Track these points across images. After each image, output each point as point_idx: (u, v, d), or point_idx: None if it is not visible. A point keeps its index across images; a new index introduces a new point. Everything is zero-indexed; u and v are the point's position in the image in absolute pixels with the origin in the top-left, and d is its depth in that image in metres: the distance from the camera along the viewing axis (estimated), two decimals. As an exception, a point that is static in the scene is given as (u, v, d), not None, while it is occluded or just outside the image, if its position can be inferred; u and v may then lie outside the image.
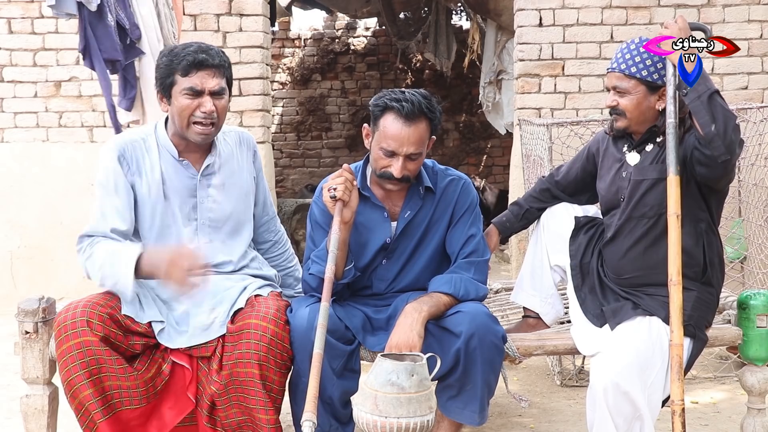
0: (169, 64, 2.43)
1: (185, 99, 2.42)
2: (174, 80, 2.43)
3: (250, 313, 2.38)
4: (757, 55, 5.19)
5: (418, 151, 2.42)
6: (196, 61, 2.41)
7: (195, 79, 2.41)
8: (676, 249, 2.31)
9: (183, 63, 2.40)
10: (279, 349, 2.34)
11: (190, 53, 2.42)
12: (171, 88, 2.44)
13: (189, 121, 2.45)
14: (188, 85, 2.41)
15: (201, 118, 2.44)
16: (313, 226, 2.61)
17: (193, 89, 2.41)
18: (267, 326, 2.33)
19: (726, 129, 2.27)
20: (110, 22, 3.59)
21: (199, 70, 2.41)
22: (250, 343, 2.31)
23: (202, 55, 2.41)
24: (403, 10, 8.42)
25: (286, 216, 6.48)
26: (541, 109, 5.28)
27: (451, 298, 2.46)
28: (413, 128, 2.40)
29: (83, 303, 2.34)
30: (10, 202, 5.44)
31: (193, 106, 2.42)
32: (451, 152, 10.18)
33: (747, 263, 4.18)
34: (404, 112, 2.38)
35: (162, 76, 2.45)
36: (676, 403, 2.23)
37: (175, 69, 2.42)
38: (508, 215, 2.90)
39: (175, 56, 2.43)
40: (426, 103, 2.41)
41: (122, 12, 3.67)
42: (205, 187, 2.56)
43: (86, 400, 2.28)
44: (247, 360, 2.30)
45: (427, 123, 2.43)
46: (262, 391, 2.30)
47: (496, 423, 3.24)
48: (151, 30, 3.80)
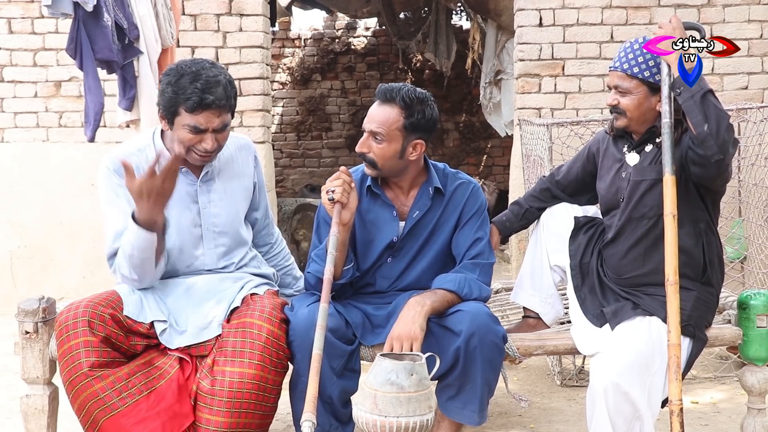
0: (174, 98, 2.36)
1: (187, 133, 2.39)
2: (178, 111, 2.38)
3: (246, 311, 2.39)
4: (757, 55, 5.19)
5: (378, 130, 2.44)
6: (204, 102, 2.34)
7: (200, 118, 2.36)
8: (672, 249, 2.31)
9: (189, 102, 2.34)
10: (275, 348, 2.33)
11: (197, 92, 2.33)
12: (174, 118, 2.39)
13: (189, 149, 2.43)
14: (192, 123, 2.37)
15: (201, 152, 2.42)
16: (320, 223, 2.63)
17: (196, 128, 2.37)
18: (263, 325, 2.33)
19: (719, 128, 2.27)
20: (106, 22, 3.57)
21: (204, 111, 2.36)
22: (246, 342, 2.30)
23: (209, 97, 2.34)
24: (403, 10, 8.42)
25: (286, 216, 6.47)
26: (541, 109, 5.28)
27: (455, 296, 2.47)
28: (381, 108, 2.46)
29: (84, 303, 2.35)
30: (10, 202, 5.44)
31: (194, 141, 2.40)
32: (451, 152, 10.18)
33: (747, 263, 4.18)
34: (379, 92, 2.47)
35: (166, 104, 2.39)
36: (675, 403, 2.24)
37: (180, 103, 2.36)
38: (508, 215, 2.90)
39: (181, 90, 2.34)
40: (406, 93, 2.45)
41: (121, 12, 3.66)
42: (205, 193, 2.56)
43: (87, 400, 2.28)
44: (242, 359, 2.29)
45: (399, 111, 2.44)
46: (258, 393, 2.29)
47: (496, 423, 3.24)
48: (149, 30, 3.79)
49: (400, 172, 2.55)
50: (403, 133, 2.46)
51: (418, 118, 2.46)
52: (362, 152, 2.50)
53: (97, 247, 5.39)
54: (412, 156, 2.51)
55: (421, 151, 2.52)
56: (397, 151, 2.48)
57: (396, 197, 2.61)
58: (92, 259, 5.39)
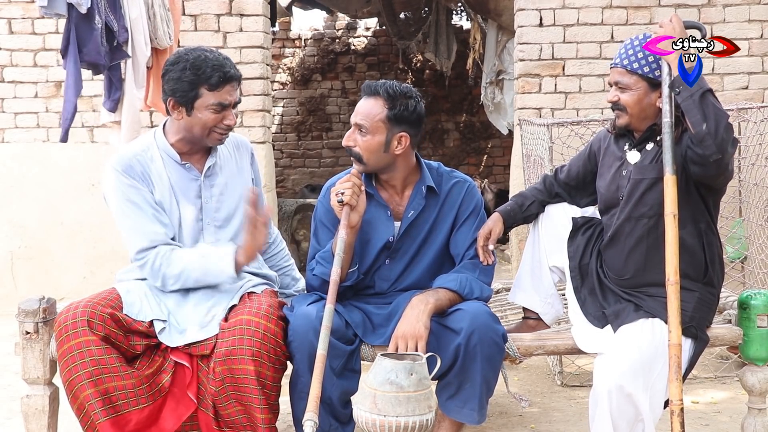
0: (195, 80, 2.42)
1: (211, 113, 2.46)
2: (199, 94, 2.44)
3: (243, 309, 2.40)
4: (757, 55, 5.19)
5: (362, 122, 2.47)
6: (226, 76, 2.44)
7: (224, 94, 2.45)
8: (673, 249, 2.31)
9: (214, 78, 2.42)
10: (272, 344, 2.34)
11: (216, 67, 2.43)
12: (194, 101, 2.45)
13: (210, 131, 2.50)
14: (217, 100, 2.45)
15: (223, 129, 2.51)
16: (318, 225, 2.64)
17: (221, 104, 2.46)
18: (259, 321, 2.34)
19: (717, 128, 2.27)
20: (97, 25, 3.55)
21: (226, 84, 2.45)
22: (243, 339, 2.31)
23: (229, 71, 2.45)
24: (403, 10, 8.42)
25: (287, 216, 6.47)
26: (541, 109, 5.28)
27: (456, 296, 2.48)
28: (365, 101, 2.50)
29: (84, 303, 2.35)
30: (10, 202, 5.45)
31: (218, 120, 2.48)
32: (452, 152, 10.18)
33: (747, 263, 4.17)
34: (364, 87, 2.51)
35: (184, 89, 2.44)
36: (675, 402, 2.24)
37: (201, 83, 2.43)
38: (512, 205, 2.87)
39: (199, 70, 2.42)
40: (390, 86, 2.47)
41: (112, 14, 3.65)
42: (208, 188, 2.59)
43: (87, 400, 2.28)
44: (240, 356, 2.29)
45: (383, 103, 2.46)
46: (257, 388, 2.30)
47: (496, 423, 3.24)
48: (138, 33, 3.78)
49: (388, 167, 2.55)
50: (387, 125, 2.47)
51: (401, 110, 2.47)
52: (348, 146, 2.52)
53: (98, 247, 5.40)
54: (398, 150, 2.50)
55: (406, 145, 2.51)
56: (381, 143, 2.48)
57: (390, 197, 2.61)
58: (92, 259, 5.39)
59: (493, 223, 2.70)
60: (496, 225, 2.71)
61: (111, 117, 3.88)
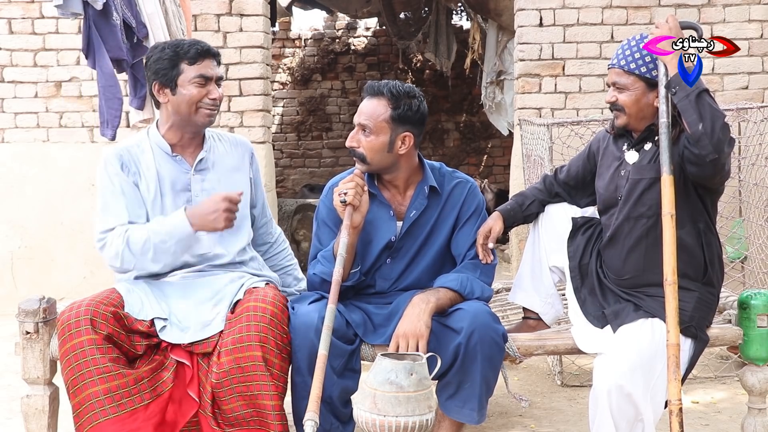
0: (174, 56, 2.51)
1: (195, 87, 2.52)
2: (180, 70, 2.52)
3: (249, 299, 2.42)
4: (757, 55, 5.19)
5: (366, 122, 2.47)
6: (204, 49, 2.54)
7: (204, 67, 2.53)
8: (671, 249, 2.31)
9: (191, 52, 2.52)
10: (279, 330, 2.35)
11: (193, 44, 2.54)
12: (176, 79, 2.52)
13: (197, 107, 2.54)
14: (198, 72, 2.51)
15: (209, 105, 2.55)
16: (320, 225, 2.64)
17: (203, 76, 2.52)
18: (266, 307, 2.35)
19: (713, 128, 2.27)
20: (115, 21, 3.58)
21: (205, 58, 2.54)
22: (251, 326, 2.32)
23: (206, 45, 2.56)
24: (403, 10, 8.42)
25: (287, 216, 6.47)
26: (541, 109, 5.28)
27: (457, 295, 2.48)
28: (369, 101, 2.50)
29: (87, 302, 2.35)
30: (10, 202, 5.45)
31: (202, 94, 2.53)
32: (452, 152, 10.18)
33: (747, 263, 4.18)
34: (367, 87, 2.52)
35: (165, 68, 2.52)
36: (674, 402, 2.24)
37: (182, 59, 2.51)
38: (512, 204, 2.87)
39: (178, 47, 2.53)
40: (393, 86, 2.48)
41: (128, 10, 3.66)
42: (198, 182, 2.60)
43: (87, 399, 2.27)
44: (248, 343, 2.29)
45: (386, 103, 2.47)
46: (266, 374, 2.29)
47: (497, 423, 3.24)
48: (157, 28, 3.80)
49: (391, 167, 2.55)
50: (390, 124, 2.48)
51: (405, 110, 2.48)
52: (351, 147, 2.52)
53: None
54: (401, 150, 2.51)
55: (409, 145, 2.52)
56: (385, 143, 2.49)
57: (393, 197, 2.61)
58: (92, 259, 5.39)
59: (493, 221, 2.70)
60: (496, 223, 2.71)
61: (140, 116, 3.88)
